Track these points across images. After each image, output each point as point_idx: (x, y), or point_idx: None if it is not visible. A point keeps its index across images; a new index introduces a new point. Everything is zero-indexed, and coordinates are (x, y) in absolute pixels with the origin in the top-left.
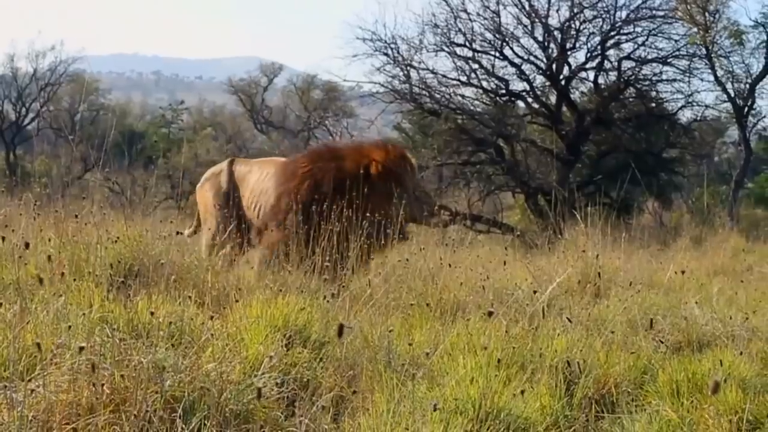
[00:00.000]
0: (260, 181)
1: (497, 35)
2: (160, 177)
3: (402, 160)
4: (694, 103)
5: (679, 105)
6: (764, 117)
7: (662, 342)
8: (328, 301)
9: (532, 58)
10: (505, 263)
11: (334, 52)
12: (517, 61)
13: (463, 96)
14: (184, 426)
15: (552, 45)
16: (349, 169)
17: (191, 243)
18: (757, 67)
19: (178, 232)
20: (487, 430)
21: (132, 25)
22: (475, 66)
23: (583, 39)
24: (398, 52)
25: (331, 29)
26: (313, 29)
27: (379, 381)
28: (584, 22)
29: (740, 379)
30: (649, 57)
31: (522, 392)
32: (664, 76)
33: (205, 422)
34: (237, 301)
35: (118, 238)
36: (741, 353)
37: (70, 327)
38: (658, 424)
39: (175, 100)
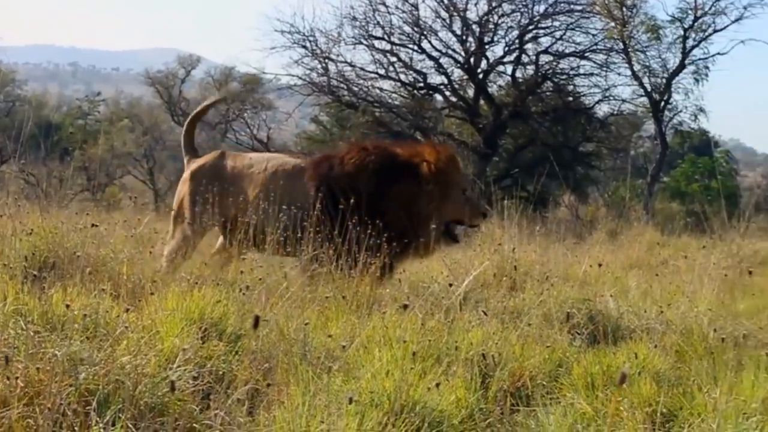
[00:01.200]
0: (274, 175)
1: (416, 28)
2: (77, 169)
3: (453, 161)
4: (611, 98)
5: (596, 99)
6: (680, 111)
7: (577, 335)
8: (244, 294)
9: (450, 51)
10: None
11: (253, 45)
12: (435, 54)
13: (381, 89)
14: (98, 419)
15: (470, 39)
16: (400, 167)
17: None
18: (673, 62)
19: (93, 225)
20: (402, 423)
21: (49, 15)
22: (394, 59)
23: (502, 33)
24: (316, 45)
25: (249, 21)
26: (231, 21)
27: (295, 374)
28: (502, 16)
29: (654, 372)
30: (567, 51)
31: (437, 385)
32: (581, 70)
33: (120, 415)
34: (152, 293)
35: (32, 230)
36: (655, 346)
37: None
38: (573, 417)
39: (92, 92)
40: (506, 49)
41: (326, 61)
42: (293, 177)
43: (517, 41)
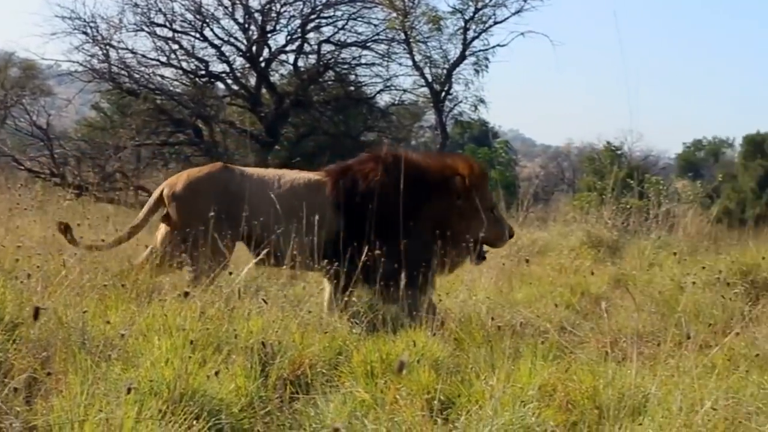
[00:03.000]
0: (290, 192)
1: (198, 16)
2: None
3: (485, 178)
4: (393, 87)
5: (378, 89)
6: (460, 102)
7: (357, 323)
8: (22, 282)
9: (232, 39)
10: None
11: (33, 30)
12: (217, 42)
13: (162, 76)
14: None
15: (252, 27)
16: (431, 181)
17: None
18: (454, 53)
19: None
20: (182, 411)
21: None
22: (175, 47)
23: (284, 22)
24: (98, 32)
25: (30, 6)
26: (11, 6)
27: (73, 362)
28: (285, 5)
29: (433, 360)
30: (349, 41)
31: (217, 373)
32: (363, 60)
33: None
34: None
35: None
36: (434, 334)
37: None
38: (352, 404)
39: None
40: (288, 38)
41: (107, 47)
42: (312, 192)
43: (299, 30)
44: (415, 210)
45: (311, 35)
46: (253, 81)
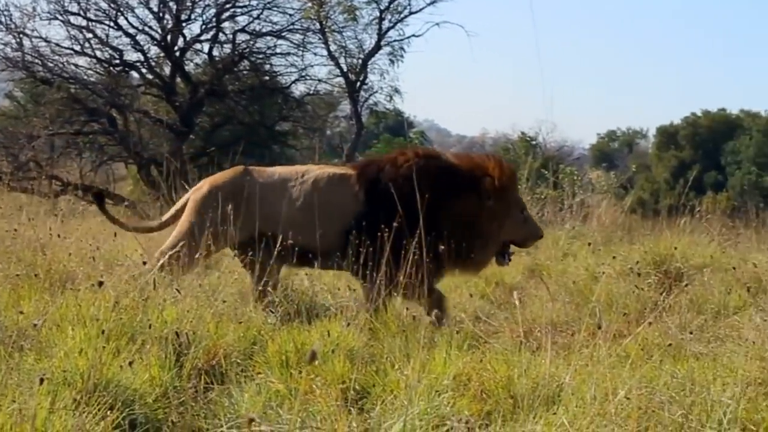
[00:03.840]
0: (313, 187)
1: (112, 5)
2: None
3: (514, 178)
4: (308, 77)
5: (293, 79)
6: (376, 92)
7: (272, 313)
8: None
9: (146, 28)
10: (116, 234)
11: None
12: (131, 31)
13: (76, 65)
14: None
15: (167, 16)
16: (461, 178)
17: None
18: (369, 43)
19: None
20: (96, 401)
21: None
22: (90, 35)
23: (199, 11)
24: (11, 20)
25: None
26: None
27: None
28: None
29: (348, 350)
30: (264, 30)
31: (131, 363)
32: (278, 50)
33: None
34: None
35: None
36: (348, 324)
37: None
38: (267, 394)
39: None
40: (203, 27)
41: (21, 36)
42: (337, 186)
43: (214, 20)
44: (444, 209)
45: (226, 24)
46: (167, 70)
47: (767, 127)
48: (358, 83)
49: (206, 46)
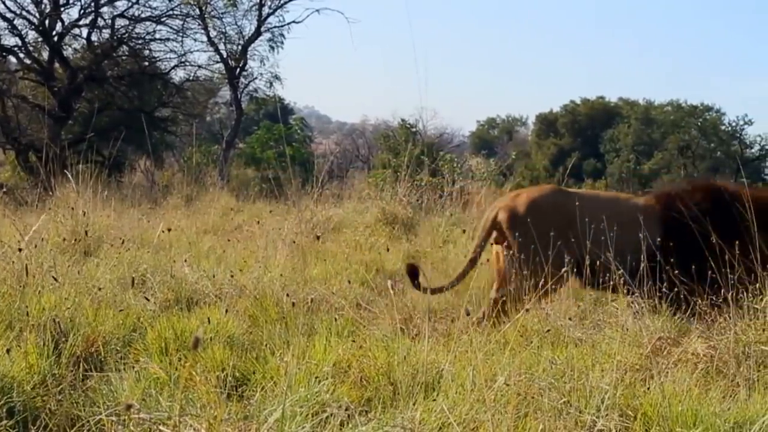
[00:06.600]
0: (621, 216)
1: None
2: None
3: None
4: (187, 63)
5: (172, 64)
6: (256, 78)
7: (149, 299)
8: None
9: (24, 12)
10: None
11: None
12: (9, 15)
13: None
14: None
15: (45, 0)
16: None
17: None
18: (249, 29)
19: None
20: None
21: None
22: None
23: None
24: None
25: None
26: None
27: None
28: None
29: (228, 337)
30: (143, 15)
31: (8, 351)
32: (157, 35)
33: None
34: None
35: None
36: (227, 311)
37: None
38: (146, 381)
39: None
40: (82, 12)
41: None
42: (641, 216)
43: (92, 4)
44: (747, 243)
45: (105, 9)
46: (45, 55)
47: (645, 115)
48: (238, 69)
49: (85, 31)
